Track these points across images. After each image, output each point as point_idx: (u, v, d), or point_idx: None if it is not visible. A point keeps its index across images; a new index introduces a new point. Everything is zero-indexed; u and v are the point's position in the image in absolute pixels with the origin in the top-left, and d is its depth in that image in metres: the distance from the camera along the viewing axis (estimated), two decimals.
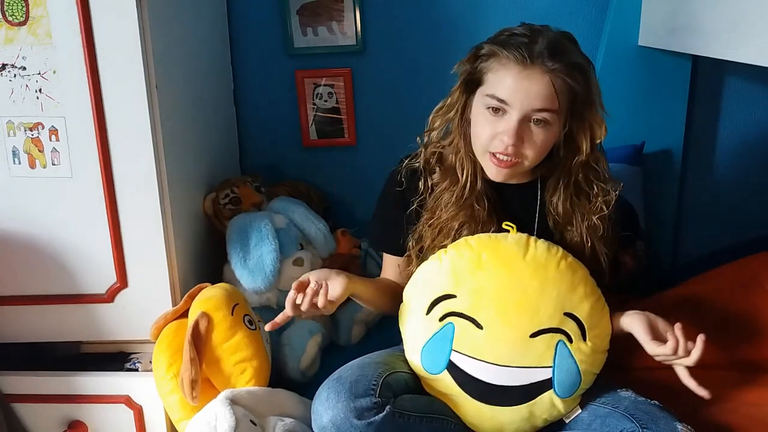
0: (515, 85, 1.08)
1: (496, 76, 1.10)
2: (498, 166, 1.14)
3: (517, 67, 1.08)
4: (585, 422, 1.15)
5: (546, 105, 1.08)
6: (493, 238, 1.16)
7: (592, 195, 1.19)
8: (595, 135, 1.15)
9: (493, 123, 1.11)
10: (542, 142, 1.12)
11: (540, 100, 1.08)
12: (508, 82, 1.08)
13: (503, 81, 1.09)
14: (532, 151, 1.12)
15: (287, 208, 1.59)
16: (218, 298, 1.32)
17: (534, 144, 1.11)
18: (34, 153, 1.33)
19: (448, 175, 1.21)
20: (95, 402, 1.42)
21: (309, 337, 1.46)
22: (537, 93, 1.07)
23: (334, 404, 1.06)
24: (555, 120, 1.11)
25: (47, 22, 1.26)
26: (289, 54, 1.82)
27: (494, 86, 1.10)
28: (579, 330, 1.13)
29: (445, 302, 1.15)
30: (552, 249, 1.15)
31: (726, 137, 1.87)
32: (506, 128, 1.09)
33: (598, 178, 1.19)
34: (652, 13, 1.61)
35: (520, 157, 1.12)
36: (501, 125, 1.10)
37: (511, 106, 1.09)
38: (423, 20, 1.79)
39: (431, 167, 1.23)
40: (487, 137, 1.12)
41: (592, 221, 1.18)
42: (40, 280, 1.40)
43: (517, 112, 1.09)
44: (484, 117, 1.13)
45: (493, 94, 1.10)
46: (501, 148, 1.11)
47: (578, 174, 1.18)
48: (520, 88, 1.08)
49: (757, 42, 1.15)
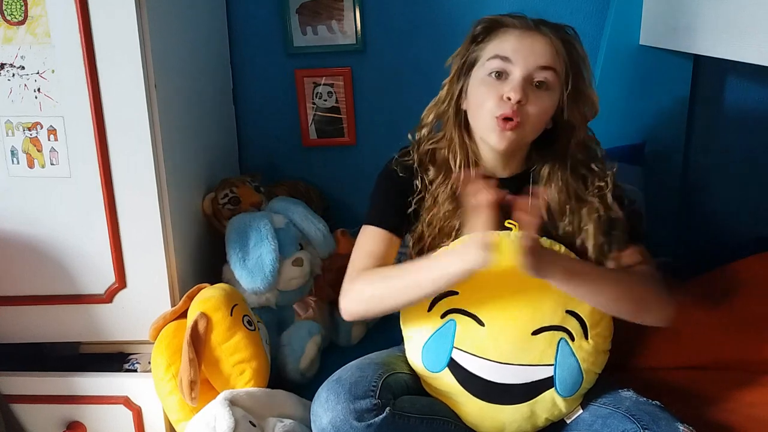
0: (518, 44, 1.11)
1: (497, 42, 1.13)
2: (503, 130, 1.11)
3: (518, 30, 1.13)
4: (586, 423, 1.15)
5: (549, 62, 1.11)
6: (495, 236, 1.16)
7: (589, 176, 1.18)
8: (589, 111, 1.17)
9: (497, 86, 1.11)
10: (543, 105, 1.12)
11: (543, 58, 1.11)
12: (511, 42, 1.12)
13: (505, 42, 1.12)
14: (535, 111, 1.11)
15: (287, 208, 1.59)
16: (217, 299, 1.32)
17: (537, 103, 1.11)
18: (33, 153, 1.33)
19: (442, 169, 1.21)
20: (94, 402, 1.42)
21: (308, 338, 1.46)
22: (540, 51, 1.11)
23: (333, 406, 1.06)
24: (555, 84, 1.12)
25: (46, 21, 1.26)
26: (289, 53, 1.81)
27: (496, 48, 1.13)
28: (581, 328, 1.13)
29: (447, 299, 1.15)
30: (554, 246, 1.15)
31: (726, 137, 1.87)
32: (511, 85, 1.10)
33: (594, 158, 1.19)
34: (653, 12, 1.61)
35: (524, 117, 1.11)
36: (505, 86, 1.11)
37: (515, 63, 1.11)
38: (423, 20, 1.79)
39: (425, 165, 1.23)
40: (491, 101, 1.11)
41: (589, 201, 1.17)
42: (39, 280, 1.40)
43: (521, 69, 1.10)
44: (486, 85, 1.13)
45: (496, 54, 1.12)
46: (507, 107, 1.10)
47: (576, 154, 1.18)
48: (523, 46, 1.11)
49: (757, 42, 1.15)
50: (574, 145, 1.18)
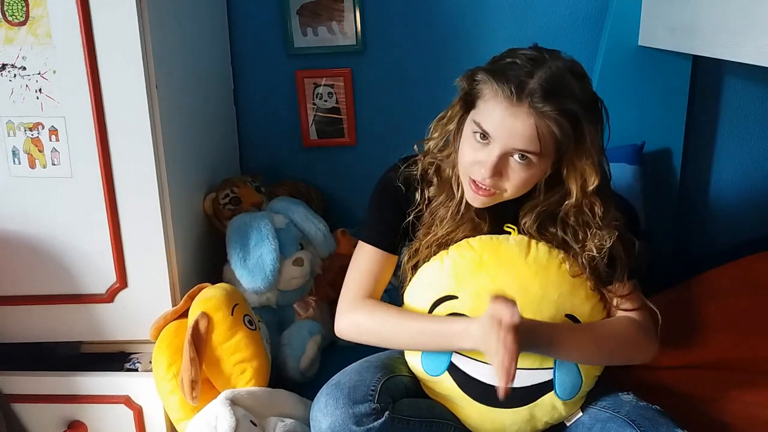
0: (500, 122, 1.04)
1: (486, 105, 1.07)
2: (475, 193, 1.11)
3: (505, 103, 1.04)
4: (586, 426, 1.14)
5: (528, 147, 1.04)
6: (494, 240, 1.16)
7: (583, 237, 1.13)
8: (587, 182, 1.10)
9: (477, 150, 1.08)
10: (522, 179, 1.08)
11: (522, 141, 1.04)
12: (495, 117, 1.05)
13: (490, 113, 1.06)
14: (511, 186, 1.09)
15: (287, 208, 1.59)
16: (218, 298, 1.32)
17: (513, 180, 1.08)
18: (34, 153, 1.33)
19: (444, 188, 1.18)
20: (95, 402, 1.42)
21: (309, 338, 1.46)
22: (521, 133, 1.03)
23: (332, 410, 1.06)
24: (537, 160, 1.07)
25: (47, 22, 1.26)
26: (289, 54, 1.81)
27: (482, 115, 1.07)
28: None
29: (447, 303, 1.15)
30: (553, 251, 1.15)
31: (726, 137, 1.87)
32: (486, 160, 1.07)
33: (589, 225, 1.13)
34: (652, 13, 1.61)
35: (498, 189, 1.10)
36: (482, 154, 1.07)
37: (494, 140, 1.06)
38: (423, 20, 1.79)
39: (429, 178, 1.20)
40: (468, 162, 1.10)
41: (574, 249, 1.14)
42: (40, 280, 1.40)
43: (499, 147, 1.06)
44: (469, 142, 1.10)
45: (480, 124, 1.07)
46: (479, 177, 1.09)
47: (569, 217, 1.14)
48: (505, 126, 1.04)
49: (757, 42, 1.15)
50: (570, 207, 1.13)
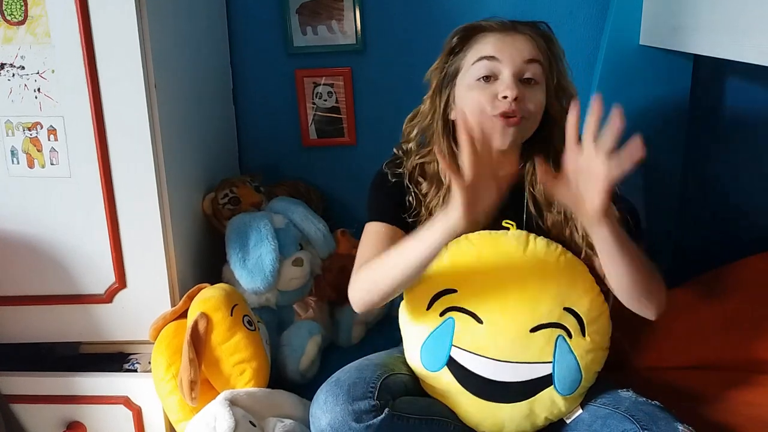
0: (501, 43, 1.13)
1: (479, 46, 1.15)
2: (506, 126, 1.11)
3: (497, 32, 1.15)
4: (585, 423, 1.15)
5: (534, 55, 1.13)
6: (493, 235, 1.17)
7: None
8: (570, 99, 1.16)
9: (489, 88, 1.12)
10: (538, 99, 1.14)
11: (528, 52, 1.13)
12: (493, 43, 1.14)
13: (487, 44, 1.14)
14: (534, 106, 1.13)
15: (287, 208, 1.59)
16: (217, 299, 1.32)
17: (532, 99, 1.13)
18: (33, 153, 1.33)
19: (433, 182, 1.21)
20: (94, 403, 1.42)
21: (309, 338, 1.46)
22: (523, 46, 1.13)
23: (332, 407, 1.06)
24: (542, 78, 1.14)
25: (46, 21, 1.26)
26: (289, 53, 1.81)
27: (480, 52, 1.14)
28: (578, 325, 1.14)
29: (446, 297, 1.15)
30: (551, 245, 1.15)
31: (726, 137, 1.87)
32: (505, 84, 1.11)
33: None
34: (653, 12, 1.61)
35: (526, 112, 1.12)
36: (498, 86, 1.12)
37: (502, 61, 1.12)
38: (423, 20, 1.79)
39: (415, 180, 1.22)
40: (486, 102, 1.12)
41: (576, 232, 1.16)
42: (39, 280, 1.40)
43: (509, 66, 1.12)
44: (476, 90, 1.13)
45: (482, 56, 1.13)
46: (506, 105, 1.10)
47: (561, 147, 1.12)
48: (506, 44, 1.13)
49: (756, 42, 1.15)
50: (558, 137, 1.14)
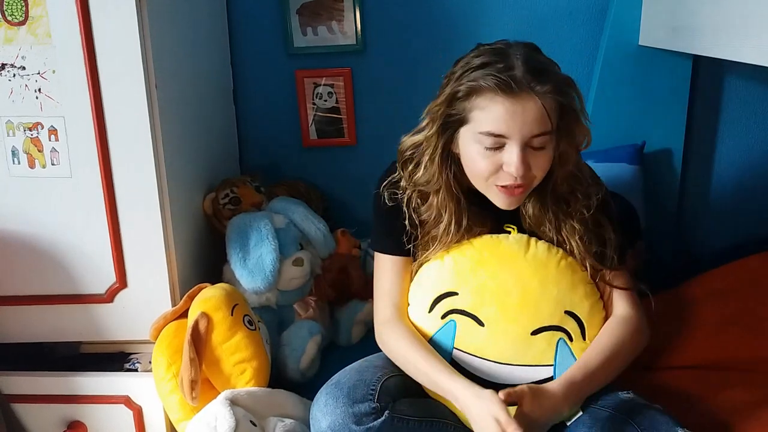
0: (509, 117, 1.04)
1: (486, 112, 1.06)
2: (509, 196, 1.11)
3: (506, 99, 1.04)
4: (586, 425, 1.14)
5: (542, 129, 1.05)
6: (494, 239, 1.17)
7: (573, 200, 1.16)
8: (580, 143, 1.14)
9: (492, 157, 1.08)
10: (545, 162, 1.10)
11: (537, 126, 1.05)
12: (501, 116, 1.04)
13: (495, 116, 1.05)
14: (539, 173, 1.10)
15: (287, 208, 1.59)
16: (218, 299, 1.32)
17: (538, 166, 1.09)
18: (34, 153, 1.33)
19: (434, 212, 1.17)
20: (95, 402, 1.42)
21: (309, 338, 1.46)
22: (532, 119, 1.04)
23: (332, 410, 1.06)
24: (551, 141, 1.09)
25: (47, 21, 1.26)
26: (289, 54, 1.81)
27: (486, 124, 1.06)
28: (579, 329, 1.14)
29: (447, 299, 1.15)
30: (552, 249, 1.16)
31: (726, 137, 1.87)
32: (511, 160, 1.06)
33: (580, 184, 1.17)
34: (653, 12, 1.61)
35: (529, 181, 1.10)
36: (504, 157, 1.07)
37: (510, 138, 1.05)
38: (423, 20, 1.79)
39: (414, 205, 1.19)
40: (489, 172, 1.09)
41: (569, 224, 1.16)
42: (40, 280, 1.40)
43: (517, 142, 1.05)
44: (480, 154, 1.09)
45: (490, 132, 1.06)
46: (509, 180, 1.08)
47: (561, 184, 1.16)
48: (515, 119, 1.04)
49: (757, 42, 1.15)
50: (560, 176, 1.15)
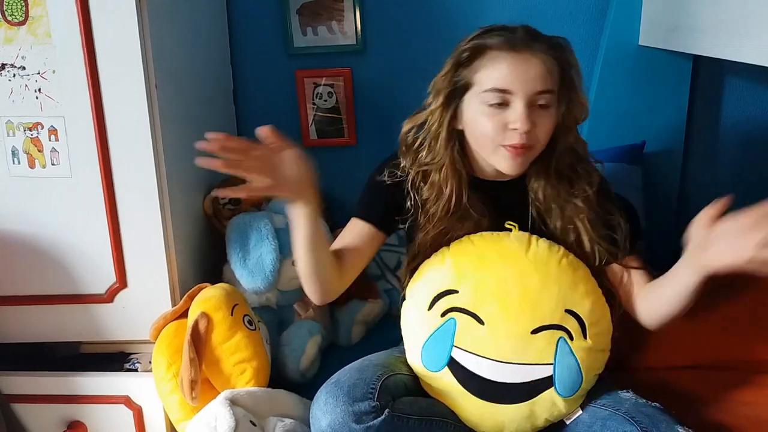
0: (513, 72, 1.08)
1: (489, 70, 1.10)
2: (514, 156, 1.11)
3: (509, 55, 1.09)
4: (586, 424, 1.14)
5: (546, 86, 1.09)
6: (495, 236, 1.18)
7: (575, 178, 1.19)
8: (580, 114, 1.16)
9: (499, 116, 1.10)
10: (548, 124, 1.12)
11: (540, 82, 1.08)
12: (505, 71, 1.08)
13: (499, 72, 1.09)
14: (543, 133, 1.12)
15: (287, 207, 1.58)
16: (218, 299, 1.32)
17: (542, 126, 1.11)
18: (34, 153, 1.33)
19: (434, 189, 1.19)
20: (95, 402, 1.42)
21: (309, 338, 1.46)
22: (535, 75, 1.08)
23: (332, 408, 1.06)
24: (554, 102, 1.11)
25: (47, 21, 1.26)
26: (289, 54, 1.81)
27: (491, 80, 1.10)
28: (580, 327, 1.14)
29: (447, 297, 1.15)
30: (553, 247, 1.16)
31: (726, 136, 1.87)
32: (516, 116, 1.08)
33: (579, 160, 1.20)
34: (653, 12, 1.61)
35: (534, 141, 1.11)
36: (509, 115, 1.09)
37: (515, 93, 1.08)
38: (423, 20, 1.79)
39: (417, 185, 1.21)
40: (495, 131, 1.10)
41: (574, 203, 1.17)
42: (40, 280, 1.40)
43: (521, 98, 1.08)
44: (485, 115, 1.11)
45: (494, 87, 1.09)
46: (515, 137, 1.10)
47: (562, 158, 1.18)
48: (519, 74, 1.08)
49: (757, 42, 1.15)
50: (562, 149, 1.17)
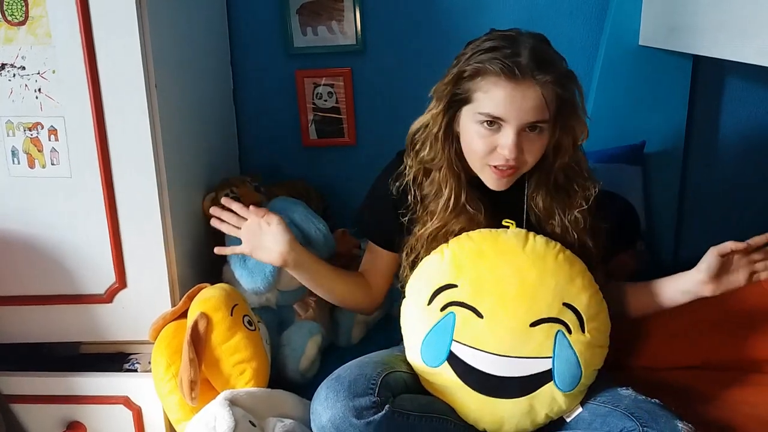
0: (508, 102, 1.09)
1: (487, 95, 1.11)
2: (500, 177, 1.16)
3: (508, 84, 1.09)
4: (586, 421, 1.15)
5: (539, 117, 1.11)
6: (493, 232, 1.20)
7: (572, 192, 1.22)
8: (578, 137, 1.19)
9: (489, 137, 1.13)
10: (538, 148, 1.15)
11: (534, 113, 1.10)
12: (501, 99, 1.09)
13: (495, 99, 1.10)
14: (531, 157, 1.15)
15: (287, 208, 1.58)
16: (217, 299, 1.32)
17: (531, 151, 1.15)
18: (34, 153, 1.33)
19: (434, 186, 1.23)
20: (94, 402, 1.42)
21: (309, 338, 1.45)
22: (530, 107, 1.09)
23: (333, 404, 1.06)
24: (547, 128, 1.14)
25: (47, 21, 1.26)
26: (289, 54, 1.81)
27: (486, 105, 1.11)
28: (577, 321, 1.15)
29: (447, 292, 1.16)
30: (550, 243, 1.18)
31: (726, 136, 1.87)
32: (505, 143, 1.11)
33: (578, 177, 1.23)
34: (653, 12, 1.61)
35: (520, 164, 1.15)
36: (499, 139, 1.12)
37: (507, 121, 1.11)
38: (423, 20, 1.79)
39: (419, 181, 1.25)
40: (484, 152, 1.14)
41: (573, 216, 1.21)
42: (39, 280, 1.39)
43: (513, 126, 1.10)
44: (478, 133, 1.14)
45: (488, 113, 1.11)
46: (502, 161, 1.13)
47: (559, 174, 1.22)
48: (514, 104, 1.09)
49: (757, 42, 1.15)
50: (558, 167, 1.21)
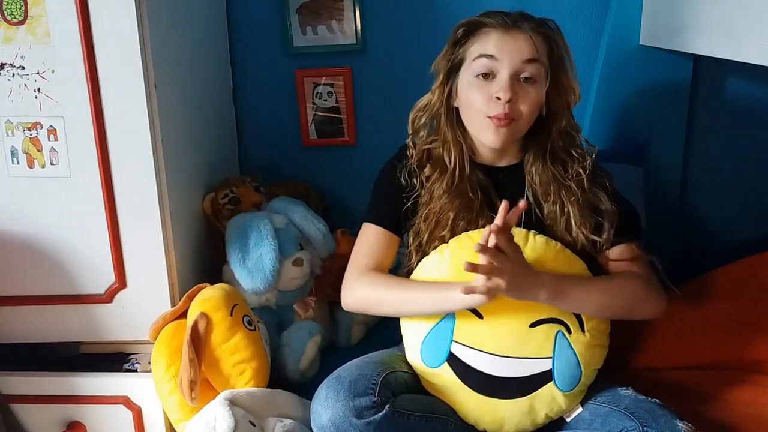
0: (501, 43, 1.15)
1: (480, 42, 1.17)
2: (498, 127, 1.16)
3: (500, 30, 1.16)
4: (586, 421, 1.15)
5: (533, 55, 1.15)
6: None
7: (569, 161, 1.23)
8: (570, 99, 1.22)
9: (486, 87, 1.16)
10: (533, 98, 1.17)
11: (527, 52, 1.15)
12: (494, 41, 1.16)
13: (489, 42, 1.16)
14: (526, 107, 1.17)
15: (286, 208, 1.59)
16: (217, 299, 1.32)
17: (526, 100, 1.16)
18: (33, 153, 1.33)
19: (437, 166, 1.25)
20: (94, 403, 1.42)
21: (309, 338, 1.46)
22: (522, 47, 1.15)
23: (333, 403, 1.06)
24: (540, 77, 1.17)
25: (46, 21, 1.26)
26: (289, 53, 1.81)
27: (480, 49, 1.17)
28: (577, 321, 1.15)
29: None
30: (550, 243, 1.18)
31: (727, 137, 1.86)
32: (500, 86, 1.14)
33: (573, 145, 1.24)
34: (653, 12, 1.61)
35: (516, 114, 1.16)
36: (494, 86, 1.15)
37: (500, 61, 1.15)
38: (423, 20, 1.79)
39: (422, 164, 1.27)
40: (482, 102, 1.16)
41: (567, 185, 1.21)
42: (39, 280, 1.39)
43: (507, 67, 1.14)
44: (474, 87, 1.17)
45: (482, 53, 1.16)
46: (498, 107, 1.15)
47: (556, 141, 1.23)
48: (506, 44, 1.15)
49: (757, 42, 1.15)
50: (555, 132, 1.22)
